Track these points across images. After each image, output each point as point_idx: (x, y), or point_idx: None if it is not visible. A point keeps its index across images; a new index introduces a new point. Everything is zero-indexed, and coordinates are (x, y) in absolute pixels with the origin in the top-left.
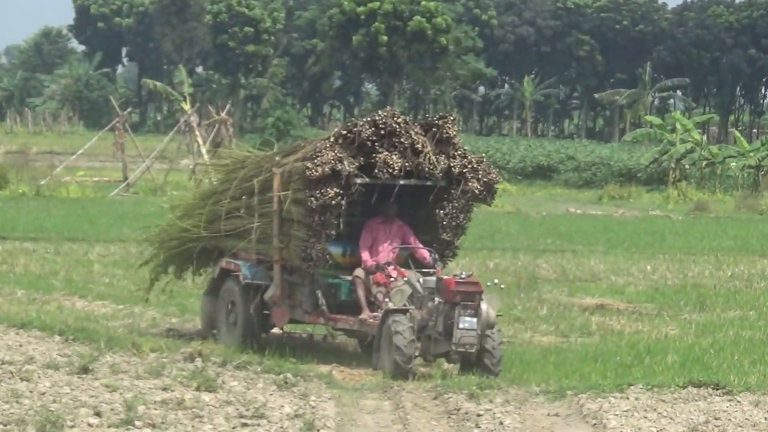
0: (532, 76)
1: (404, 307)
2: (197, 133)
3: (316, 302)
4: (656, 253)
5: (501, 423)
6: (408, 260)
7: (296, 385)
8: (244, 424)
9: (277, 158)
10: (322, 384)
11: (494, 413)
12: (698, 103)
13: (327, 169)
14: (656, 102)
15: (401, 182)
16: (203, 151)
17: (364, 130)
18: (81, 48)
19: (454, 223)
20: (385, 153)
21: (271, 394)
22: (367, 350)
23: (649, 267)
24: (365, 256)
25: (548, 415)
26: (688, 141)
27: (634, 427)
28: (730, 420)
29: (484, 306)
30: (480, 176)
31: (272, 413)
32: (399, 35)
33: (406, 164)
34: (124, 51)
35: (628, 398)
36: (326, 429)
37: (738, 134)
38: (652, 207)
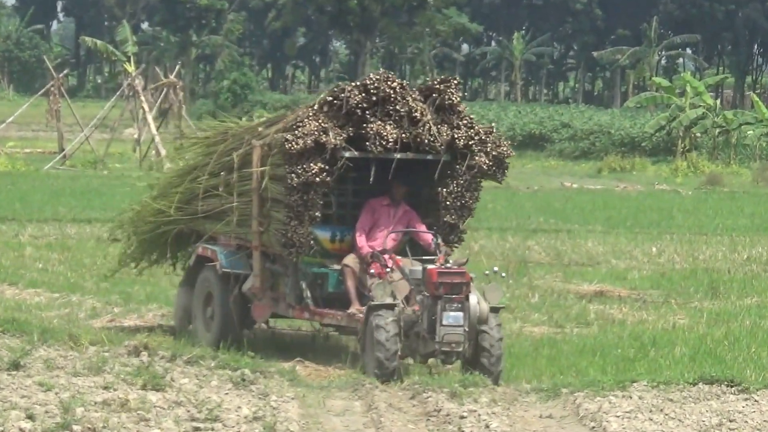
0: (523, 32)
1: (389, 302)
2: (142, 98)
3: (300, 295)
4: (663, 233)
5: (487, 426)
6: (406, 246)
7: (255, 383)
8: (197, 428)
9: (259, 129)
10: (285, 382)
11: (479, 415)
12: (710, 63)
13: (309, 142)
14: (663, 62)
15: (398, 156)
16: (149, 118)
17: (352, 96)
18: (10, 2)
19: (458, 204)
20: (378, 123)
21: (226, 394)
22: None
23: (654, 249)
24: (361, 240)
25: (540, 416)
26: (699, 106)
27: (638, 429)
28: (746, 422)
29: (473, 299)
30: (488, 149)
31: (228, 415)
32: None
33: (403, 135)
34: (59, 5)
35: (630, 397)
36: None
37: (756, 98)
38: (658, 181)
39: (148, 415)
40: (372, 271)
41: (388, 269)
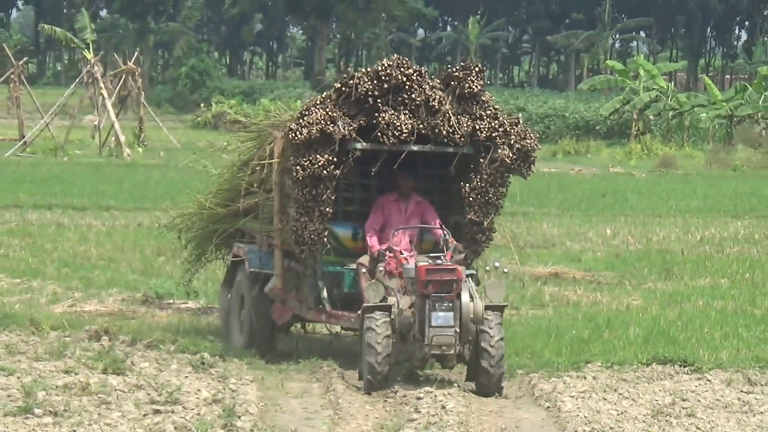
0: (478, 17)
1: (383, 303)
2: (102, 85)
3: (318, 296)
4: (617, 215)
5: (443, 407)
6: (419, 243)
7: (214, 366)
8: (157, 411)
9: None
10: (243, 365)
11: (435, 396)
12: (664, 46)
13: (315, 131)
14: (617, 45)
15: (415, 148)
16: (109, 105)
17: (362, 83)
18: None
19: (482, 200)
20: (391, 112)
21: (186, 377)
22: None
23: (608, 231)
24: (371, 240)
25: (496, 397)
26: (653, 89)
27: (592, 409)
28: (699, 401)
29: (464, 297)
30: (512, 141)
31: (188, 398)
32: None
33: (420, 126)
34: None
35: (585, 377)
36: (248, 415)
37: (708, 81)
38: (612, 163)
39: (109, 398)
40: (381, 269)
41: (405, 262)
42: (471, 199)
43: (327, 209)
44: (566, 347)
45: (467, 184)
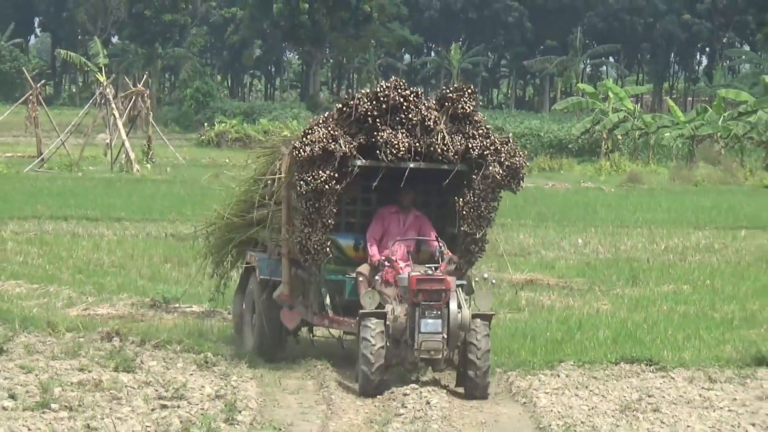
0: (459, 43)
1: (378, 311)
2: (113, 105)
3: (322, 302)
4: (588, 227)
5: (428, 402)
6: (417, 253)
7: (217, 365)
8: (164, 406)
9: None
10: (244, 363)
11: (421, 392)
12: (631, 71)
13: (317, 149)
14: (588, 70)
15: (412, 165)
16: (120, 124)
17: (361, 103)
18: None
19: (475, 213)
20: (389, 131)
21: (191, 375)
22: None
23: (580, 240)
24: (372, 249)
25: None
26: (621, 110)
27: (565, 405)
28: (663, 397)
29: (453, 305)
30: (503, 159)
31: (192, 394)
32: (321, 2)
33: (417, 144)
34: (36, 21)
35: (558, 375)
36: (248, 410)
37: (672, 103)
38: (583, 179)
39: (119, 394)
40: (377, 278)
41: (402, 271)
42: (464, 212)
43: (329, 221)
44: (541, 348)
45: (461, 199)
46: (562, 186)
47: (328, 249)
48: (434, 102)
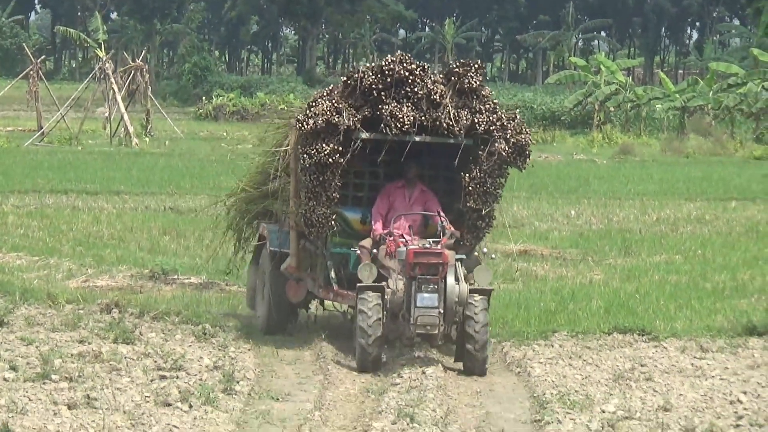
0: (453, 18)
1: (375, 284)
2: (112, 80)
3: (327, 275)
4: (580, 198)
5: (423, 372)
6: (424, 228)
7: (215, 336)
8: (163, 377)
9: None
10: (241, 334)
11: (416, 363)
12: (623, 45)
13: (321, 122)
14: (580, 44)
15: (417, 139)
16: (119, 99)
17: (366, 76)
18: None
19: (481, 189)
20: (393, 104)
21: (189, 346)
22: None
23: (573, 212)
24: (376, 225)
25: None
26: (613, 83)
27: (559, 374)
28: (656, 366)
29: (450, 279)
30: (508, 136)
31: (191, 365)
32: None
33: (422, 118)
34: None
35: (552, 345)
36: (246, 380)
37: (663, 76)
38: (576, 151)
39: (119, 365)
40: (379, 251)
41: (402, 245)
42: (470, 188)
43: (333, 194)
44: (535, 318)
45: (467, 174)
46: (555, 158)
47: (332, 222)
48: (441, 76)
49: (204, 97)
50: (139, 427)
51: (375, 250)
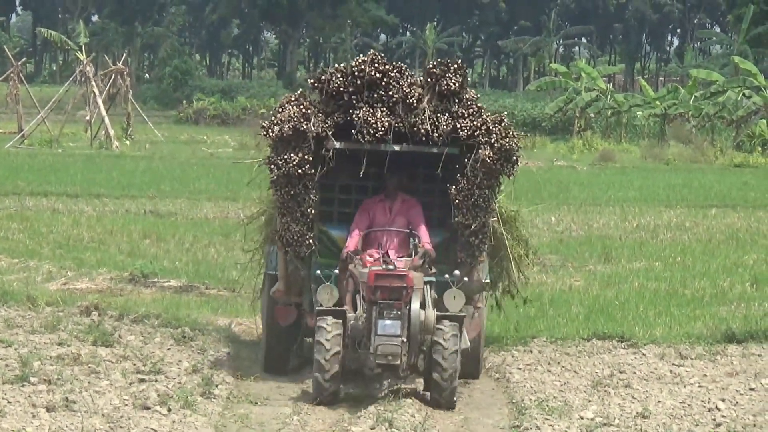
0: (434, 23)
1: (336, 309)
2: (93, 83)
3: (311, 300)
4: (561, 204)
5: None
6: (402, 243)
7: (194, 340)
8: (142, 380)
9: None
10: (221, 338)
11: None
12: (603, 51)
13: (287, 129)
14: (561, 50)
15: (396, 148)
16: (99, 102)
17: (333, 79)
18: None
19: (469, 202)
20: (365, 108)
21: (168, 349)
22: None
23: (553, 218)
24: (349, 242)
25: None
26: (594, 89)
27: (538, 380)
28: (635, 373)
29: (415, 305)
30: (493, 141)
31: (170, 368)
32: None
33: (400, 124)
34: (17, 0)
35: (531, 351)
36: (224, 384)
37: (644, 82)
38: (556, 157)
39: (98, 368)
40: (350, 269)
41: (369, 265)
42: (458, 201)
43: (308, 210)
44: (514, 324)
45: (453, 186)
46: (536, 164)
47: (309, 241)
48: (420, 79)
49: (185, 101)
50: (118, 430)
51: (336, 271)
